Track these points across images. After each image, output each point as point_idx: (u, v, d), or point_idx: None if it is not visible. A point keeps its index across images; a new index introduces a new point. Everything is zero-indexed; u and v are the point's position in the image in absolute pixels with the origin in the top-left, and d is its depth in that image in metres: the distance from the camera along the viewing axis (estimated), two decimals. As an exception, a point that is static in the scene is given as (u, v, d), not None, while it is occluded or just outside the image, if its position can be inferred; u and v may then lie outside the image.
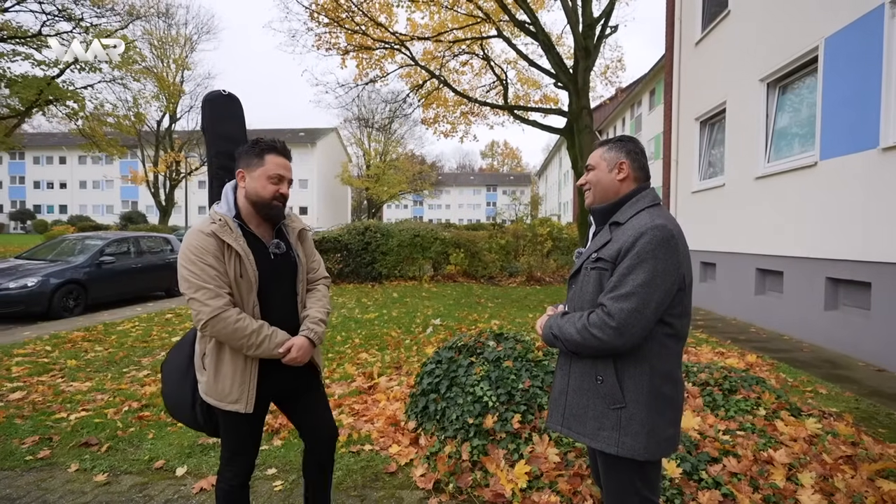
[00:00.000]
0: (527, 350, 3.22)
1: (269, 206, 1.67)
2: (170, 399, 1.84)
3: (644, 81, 22.55)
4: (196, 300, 1.54)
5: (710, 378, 3.43)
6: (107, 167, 47.31)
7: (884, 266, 4.62)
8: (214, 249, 1.58)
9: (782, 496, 2.30)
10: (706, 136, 8.82)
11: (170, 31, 29.74)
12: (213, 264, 1.57)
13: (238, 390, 1.63)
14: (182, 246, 1.59)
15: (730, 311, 7.50)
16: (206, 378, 1.66)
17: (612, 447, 1.40)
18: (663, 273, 1.33)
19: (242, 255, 1.61)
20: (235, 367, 1.63)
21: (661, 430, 1.41)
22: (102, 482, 2.58)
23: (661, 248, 1.33)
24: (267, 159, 1.65)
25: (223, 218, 1.63)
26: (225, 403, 1.63)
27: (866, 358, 4.84)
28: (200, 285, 1.55)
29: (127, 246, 9.52)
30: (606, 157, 1.55)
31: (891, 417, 3.42)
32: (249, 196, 1.66)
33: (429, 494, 2.44)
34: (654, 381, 1.40)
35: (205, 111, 1.86)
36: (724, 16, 7.79)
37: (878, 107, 4.64)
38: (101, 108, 18.36)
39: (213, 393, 1.65)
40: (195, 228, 1.61)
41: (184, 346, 1.85)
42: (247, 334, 1.58)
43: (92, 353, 5.21)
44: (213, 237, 1.58)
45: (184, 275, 1.56)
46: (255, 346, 1.60)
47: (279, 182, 1.66)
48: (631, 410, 1.39)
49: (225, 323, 1.55)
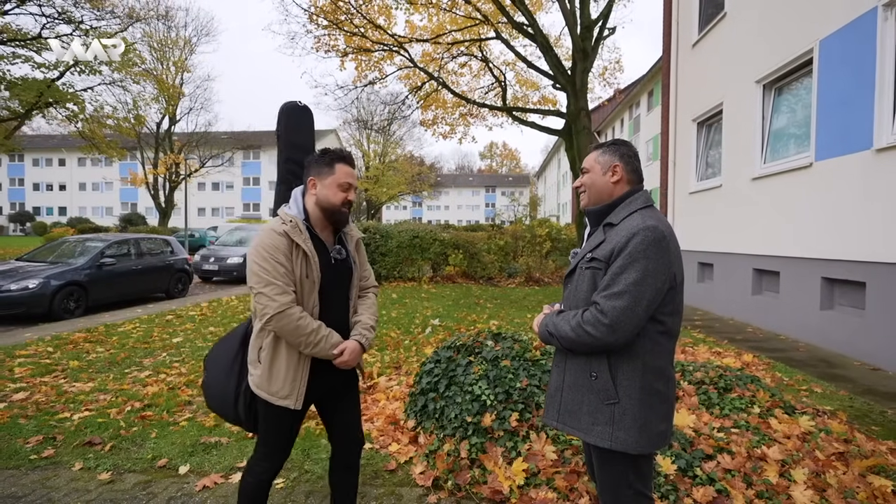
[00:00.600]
0: (524, 349, 3.26)
1: (338, 212, 1.76)
2: (211, 390, 1.88)
3: (642, 83, 22.62)
4: (264, 295, 1.61)
5: (705, 377, 3.47)
6: (106, 169, 47.36)
7: (878, 266, 4.67)
8: (285, 248, 1.66)
9: (775, 492, 2.34)
10: (703, 137, 8.87)
11: (169, 34, 29.77)
12: (283, 262, 1.65)
13: (290, 386, 1.69)
14: (254, 243, 1.67)
15: (727, 311, 7.55)
16: (261, 372, 1.70)
17: (605, 441, 1.44)
18: (654, 272, 1.37)
19: (310, 256, 1.70)
20: (290, 363, 1.69)
21: (654, 424, 1.45)
22: (106, 480, 2.61)
23: (653, 248, 1.38)
24: (337, 168, 1.74)
25: (294, 220, 1.71)
26: (276, 398, 1.68)
27: (861, 357, 4.89)
28: (270, 281, 1.62)
29: (127, 248, 9.55)
30: (600, 161, 1.59)
31: (884, 415, 3.47)
32: (320, 202, 1.75)
33: (428, 491, 2.48)
34: (646, 378, 1.44)
35: (280, 120, 1.96)
36: (721, 18, 7.85)
37: (871, 108, 4.70)
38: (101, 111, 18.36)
39: (265, 387, 1.69)
40: (268, 228, 1.70)
41: (230, 340, 1.90)
42: (307, 332, 1.64)
43: (94, 353, 5.25)
44: (285, 237, 1.66)
45: (255, 270, 1.63)
46: (313, 345, 1.67)
47: (348, 189, 1.77)
48: (624, 406, 1.43)
49: (289, 319, 1.61)
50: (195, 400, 3.84)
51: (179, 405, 3.71)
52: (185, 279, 10.81)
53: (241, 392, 1.79)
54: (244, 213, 48.46)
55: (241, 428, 1.90)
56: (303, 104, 1.99)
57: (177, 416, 3.51)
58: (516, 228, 13.90)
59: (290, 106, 1.97)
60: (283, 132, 1.96)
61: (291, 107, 1.97)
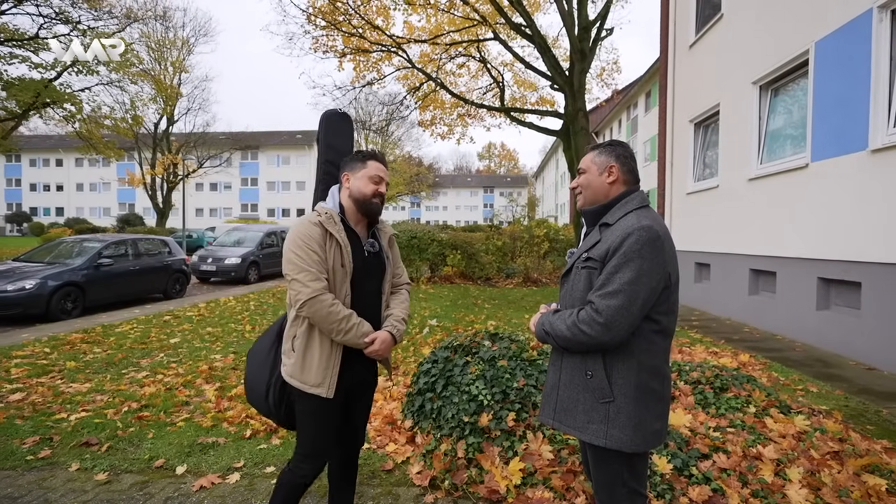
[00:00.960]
0: (521, 350, 3.27)
1: (370, 203, 1.83)
2: (249, 384, 1.93)
3: (640, 83, 22.66)
4: (298, 281, 1.68)
5: (701, 377, 3.48)
6: (103, 169, 47.22)
7: (874, 266, 4.70)
8: (319, 238, 1.73)
9: (770, 491, 2.35)
10: (700, 137, 8.90)
11: (167, 34, 29.74)
12: (317, 251, 1.72)
13: (322, 374, 1.73)
14: (291, 233, 1.75)
15: (724, 311, 7.57)
16: (294, 360, 1.75)
17: (600, 439, 1.46)
18: (649, 272, 1.39)
19: (342, 245, 1.76)
20: (322, 351, 1.74)
21: (648, 423, 1.46)
22: (103, 481, 2.61)
23: (647, 248, 1.39)
24: (369, 164, 1.84)
25: (329, 212, 1.80)
26: (308, 386, 1.72)
27: (857, 357, 4.91)
28: (304, 268, 1.68)
29: (125, 248, 9.54)
30: (597, 161, 1.61)
31: (879, 415, 3.48)
32: (353, 194, 1.83)
33: (425, 491, 2.48)
34: (641, 376, 1.45)
35: (321, 125, 2.07)
36: (718, 19, 7.88)
37: (866, 109, 4.72)
38: (99, 111, 18.35)
39: (297, 375, 1.73)
40: (304, 219, 1.78)
41: (268, 334, 1.96)
42: (338, 319, 1.69)
43: (91, 354, 5.24)
44: (320, 227, 1.75)
45: (290, 258, 1.71)
46: (344, 332, 1.71)
47: (379, 182, 1.84)
48: (619, 404, 1.44)
49: (321, 304, 1.67)
50: (192, 401, 3.84)
51: (177, 406, 3.70)
52: (183, 280, 10.80)
53: (272, 383, 1.83)
54: (242, 214, 48.41)
55: (273, 422, 1.94)
56: (342, 111, 2.12)
57: (174, 416, 3.51)
58: (514, 229, 13.92)
59: (331, 113, 2.08)
60: (323, 137, 2.05)
61: (331, 113, 2.08)
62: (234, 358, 5.06)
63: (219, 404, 3.68)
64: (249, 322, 7.10)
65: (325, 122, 2.06)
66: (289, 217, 47.81)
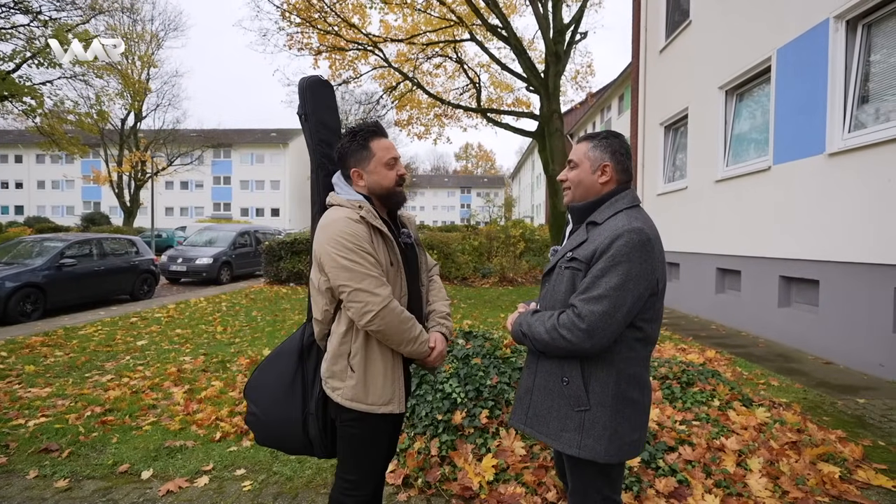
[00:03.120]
0: (495, 347, 3.31)
1: (395, 193, 1.61)
2: (267, 421, 1.67)
3: (613, 87, 23.10)
4: (363, 290, 1.42)
5: (669, 372, 3.58)
6: (67, 167, 45.31)
7: (830, 265, 4.91)
8: (367, 236, 1.48)
9: (732, 480, 2.44)
10: (670, 140, 9.14)
11: (135, 27, 28.72)
12: (371, 252, 1.47)
13: (390, 390, 1.52)
14: (332, 236, 1.45)
15: (692, 309, 7.80)
16: (354, 382, 1.49)
17: (573, 449, 1.39)
18: (637, 277, 1.31)
19: (389, 239, 1.54)
20: (386, 364, 1.52)
21: (625, 434, 1.38)
22: (63, 488, 2.52)
23: (637, 252, 1.31)
24: (373, 147, 1.58)
25: (363, 204, 1.53)
26: (377, 406, 1.50)
27: (815, 352, 5.13)
28: (366, 274, 1.43)
29: (89, 248, 9.21)
30: (591, 157, 1.49)
31: (834, 406, 3.65)
32: (374, 190, 1.59)
33: (398, 490, 2.48)
34: (620, 385, 1.38)
35: (305, 97, 1.70)
36: (686, 25, 8.11)
37: (824, 115, 4.94)
38: (61, 106, 17.62)
39: (362, 398, 1.49)
40: (341, 217, 1.48)
41: (280, 361, 1.69)
42: (409, 326, 1.49)
43: (52, 358, 5.04)
44: (363, 223, 1.49)
45: (343, 265, 1.42)
46: (414, 341, 1.51)
47: (394, 164, 1.60)
48: (595, 413, 1.37)
49: (394, 313, 1.45)
50: (160, 404, 3.73)
51: (143, 409, 3.60)
52: (151, 280, 10.50)
53: (310, 413, 1.59)
54: (214, 213, 47.20)
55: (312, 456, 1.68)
56: (324, 78, 1.77)
57: (140, 420, 3.41)
58: (491, 229, 14.01)
59: (314, 81, 1.71)
60: (312, 111, 1.69)
61: (315, 82, 1.71)
62: (205, 360, 4.95)
63: (188, 407, 3.59)
64: (221, 323, 6.95)
65: (309, 94, 1.70)
66: (263, 217, 46.88)
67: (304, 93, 1.70)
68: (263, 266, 12.40)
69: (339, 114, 1.84)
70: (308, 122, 1.71)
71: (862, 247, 4.51)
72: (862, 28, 4.70)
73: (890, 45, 4.48)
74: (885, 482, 2.48)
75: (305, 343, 1.67)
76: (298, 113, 1.74)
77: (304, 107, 1.70)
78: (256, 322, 7.12)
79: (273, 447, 1.74)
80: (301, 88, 1.70)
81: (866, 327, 4.48)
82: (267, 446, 1.78)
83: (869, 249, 4.43)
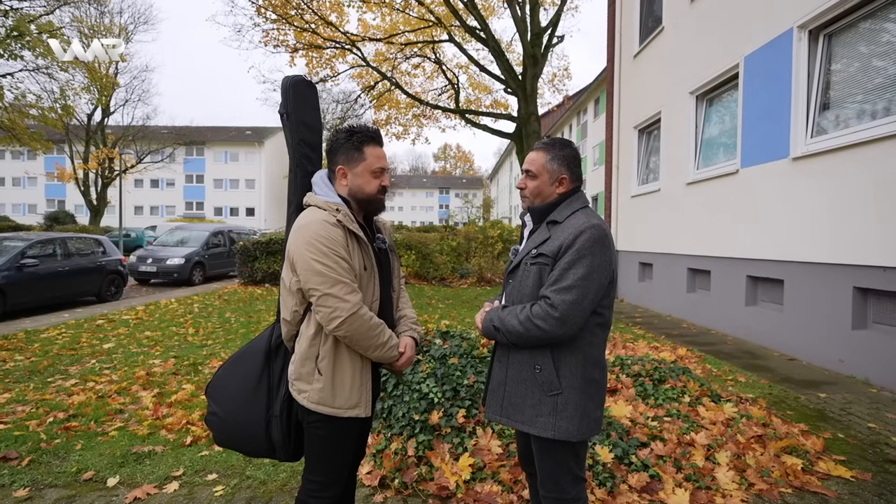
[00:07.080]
0: (472, 347, 3.32)
1: (376, 201, 1.63)
2: (227, 424, 1.65)
3: (589, 90, 23.50)
4: (332, 296, 1.43)
5: (642, 370, 3.66)
6: (29, 163, 43.43)
7: (793, 265, 5.11)
8: (343, 240, 1.49)
9: (702, 474, 2.51)
10: (644, 143, 9.35)
11: (102, 20, 27.76)
12: (345, 257, 1.48)
13: (357, 394, 1.53)
14: (307, 238, 1.46)
15: (665, 308, 7.99)
16: (322, 385, 1.50)
17: (548, 431, 1.49)
18: (599, 268, 1.46)
19: (364, 245, 1.55)
20: (354, 368, 1.54)
21: (591, 412, 1.53)
22: (23, 497, 2.41)
23: (598, 246, 1.46)
24: (367, 153, 1.58)
25: (340, 207, 1.53)
26: (343, 410, 1.51)
27: (780, 348, 5.32)
28: (337, 279, 1.44)
29: (53, 248, 8.86)
30: (549, 169, 1.61)
31: (798, 400, 3.79)
32: (354, 193, 1.60)
33: (374, 491, 2.47)
34: (586, 368, 1.52)
35: (287, 96, 1.69)
36: (659, 31, 8.31)
37: (788, 120, 5.13)
38: (23, 99, 16.90)
39: (328, 401, 1.50)
40: (318, 219, 1.49)
41: (244, 362, 1.67)
42: (377, 332, 1.51)
43: (11, 362, 4.82)
44: (340, 227, 1.49)
45: (316, 269, 1.43)
46: (382, 346, 1.53)
47: (381, 175, 1.61)
48: (566, 396, 1.49)
49: (362, 320, 1.46)
50: (127, 408, 3.62)
51: (109, 414, 3.48)
52: (119, 281, 10.17)
53: (274, 415, 1.58)
54: (187, 213, 46.01)
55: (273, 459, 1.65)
56: (307, 78, 1.77)
57: (106, 425, 3.29)
58: (469, 230, 14.06)
59: (297, 80, 1.71)
60: (293, 111, 1.69)
61: (298, 81, 1.71)
62: (175, 362, 4.82)
63: (157, 411, 3.49)
64: (193, 325, 6.78)
65: (292, 94, 1.69)
66: (237, 216, 45.95)
67: (287, 92, 1.70)
68: (238, 266, 12.14)
69: (320, 114, 1.83)
70: (289, 122, 1.71)
71: (822, 247, 4.71)
72: (823, 38, 4.90)
73: (849, 55, 4.69)
74: (844, 472, 2.59)
75: (273, 344, 1.65)
76: (280, 112, 1.73)
77: (286, 106, 1.70)
78: (230, 323, 6.97)
79: (232, 449, 1.71)
80: (284, 87, 1.70)
81: (827, 325, 4.67)
82: (226, 447, 1.76)
83: (829, 250, 4.63)
